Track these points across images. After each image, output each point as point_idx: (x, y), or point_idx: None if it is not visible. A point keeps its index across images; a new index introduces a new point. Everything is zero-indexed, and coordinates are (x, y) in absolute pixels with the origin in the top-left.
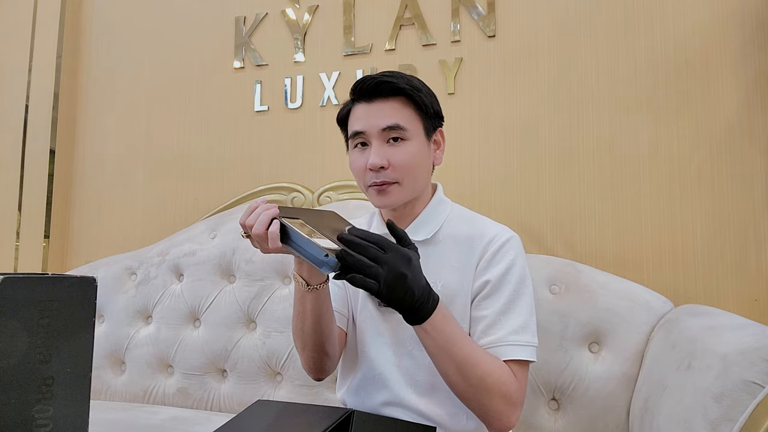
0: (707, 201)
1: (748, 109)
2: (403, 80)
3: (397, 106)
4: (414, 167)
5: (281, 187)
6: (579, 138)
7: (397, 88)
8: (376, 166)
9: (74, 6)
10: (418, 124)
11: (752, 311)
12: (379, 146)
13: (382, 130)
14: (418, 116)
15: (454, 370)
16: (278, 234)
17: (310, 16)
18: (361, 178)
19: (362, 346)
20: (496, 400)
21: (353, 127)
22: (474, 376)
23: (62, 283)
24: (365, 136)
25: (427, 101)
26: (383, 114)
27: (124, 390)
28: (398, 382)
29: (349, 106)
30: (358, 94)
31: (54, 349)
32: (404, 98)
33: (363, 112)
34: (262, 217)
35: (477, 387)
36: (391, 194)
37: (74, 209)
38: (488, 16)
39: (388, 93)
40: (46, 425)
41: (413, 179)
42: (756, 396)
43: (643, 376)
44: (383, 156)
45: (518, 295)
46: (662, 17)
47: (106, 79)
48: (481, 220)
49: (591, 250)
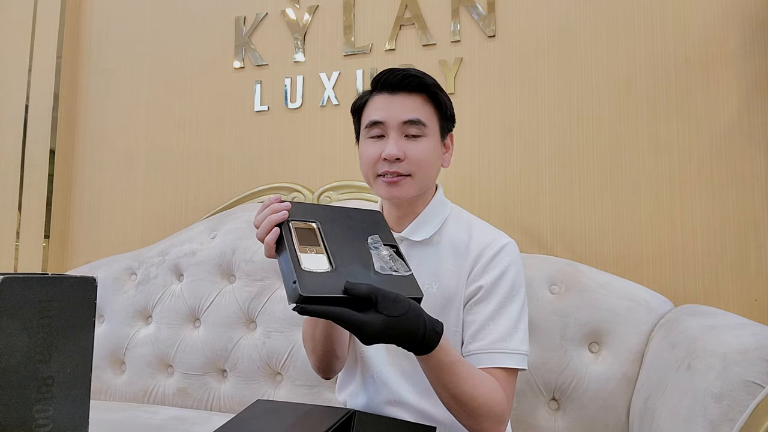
0: (707, 201)
1: (748, 109)
2: (428, 78)
3: (419, 102)
4: (427, 164)
5: (281, 187)
6: (579, 138)
7: (423, 84)
8: (393, 157)
9: (74, 6)
10: (436, 123)
11: (752, 311)
12: (397, 138)
13: (402, 123)
14: (436, 115)
15: (449, 398)
16: (273, 246)
17: (310, 16)
18: (371, 167)
19: (360, 347)
20: (486, 423)
21: (372, 116)
22: (468, 403)
23: (62, 283)
24: (383, 127)
25: (446, 102)
26: (405, 107)
27: (124, 390)
28: (397, 382)
29: (367, 96)
30: (381, 84)
31: (54, 349)
32: (426, 95)
33: (384, 103)
34: (264, 223)
35: (470, 413)
36: (402, 187)
37: (74, 209)
38: (488, 16)
39: (412, 88)
40: (46, 425)
41: (424, 175)
42: (756, 396)
43: (643, 376)
44: (401, 148)
45: (509, 302)
46: (662, 17)
47: (106, 79)
48: (479, 224)
49: (591, 250)
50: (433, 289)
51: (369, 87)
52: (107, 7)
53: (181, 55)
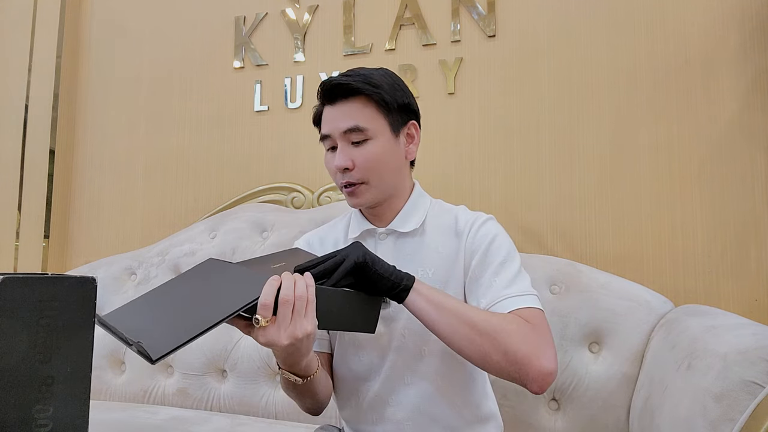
0: (707, 201)
1: (748, 109)
2: (361, 79)
3: (358, 106)
4: (378, 166)
5: (281, 187)
6: (579, 138)
7: (353, 88)
8: (341, 168)
9: (74, 6)
10: (381, 121)
11: (752, 311)
12: (343, 148)
13: (343, 133)
14: (380, 114)
15: (462, 325)
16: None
17: (310, 16)
18: (335, 179)
19: (343, 354)
20: (514, 341)
21: (322, 130)
22: (482, 322)
23: (62, 283)
24: (331, 140)
25: (388, 97)
26: (344, 116)
27: (124, 390)
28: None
29: (319, 109)
30: (321, 98)
31: (54, 349)
32: (364, 97)
33: (329, 115)
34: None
35: (490, 333)
36: (360, 195)
37: (74, 209)
38: (488, 16)
39: (346, 94)
40: (46, 425)
41: (379, 178)
42: (756, 396)
43: (643, 376)
44: (347, 157)
45: (508, 262)
46: (662, 17)
47: (106, 79)
48: (461, 208)
49: (591, 250)
50: (428, 275)
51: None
52: (107, 7)
53: (181, 55)
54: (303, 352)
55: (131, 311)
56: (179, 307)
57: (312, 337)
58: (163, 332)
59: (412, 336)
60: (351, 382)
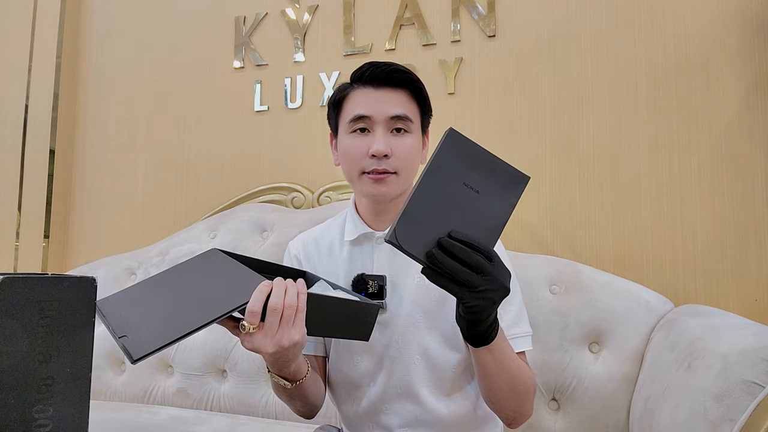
0: (707, 201)
1: (748, 109)
2: (412, 74)
3: (405, 97)
4: (412, 160)
5: (281, 187)
6: (579, 138)
7: (409, 79)
8: (381, 153)
9: (74, 6)
10: (419, 119)
11: (752, 311)
12: (384, 133)
13: (390, 118)
14: (419, 111)
15: (506, 383)
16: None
17: (310, 16)
18: (357, 163)
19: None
20: (528, 403)
21: (356, 110)
22: (520, 384)
23: (62, 283)
24: (369, 122)
25: (428, 98)
26: (392, 102)
27: (124, 390)
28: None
29: (348, 89)
30: (366, 78)
31: (54, 349)
32: (409, 91)
33: (369, 97)
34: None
35: (520, 395)
36: (389, 184)
37: (74, 209)
38: (488, 16)
39: (398, 83)
40: (46, 425)
41: (409, 172)
42: (756, 396)
43: (643, 376)
44: (388, 144)
45: (513, 292)
46: (662, 17)
47: (106, 79)
48: None
49: (591, 250)
50: (425, 284)
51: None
52: (107, 7)
53: (181, 55)
54: (290, 358)
55: (127, 298)
56: (173, 301)
57: (300, 345)
58: (150, 329)
59: (407, 342)
60: (346, 387)
